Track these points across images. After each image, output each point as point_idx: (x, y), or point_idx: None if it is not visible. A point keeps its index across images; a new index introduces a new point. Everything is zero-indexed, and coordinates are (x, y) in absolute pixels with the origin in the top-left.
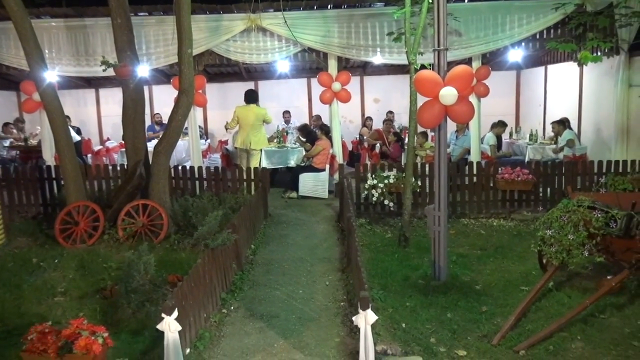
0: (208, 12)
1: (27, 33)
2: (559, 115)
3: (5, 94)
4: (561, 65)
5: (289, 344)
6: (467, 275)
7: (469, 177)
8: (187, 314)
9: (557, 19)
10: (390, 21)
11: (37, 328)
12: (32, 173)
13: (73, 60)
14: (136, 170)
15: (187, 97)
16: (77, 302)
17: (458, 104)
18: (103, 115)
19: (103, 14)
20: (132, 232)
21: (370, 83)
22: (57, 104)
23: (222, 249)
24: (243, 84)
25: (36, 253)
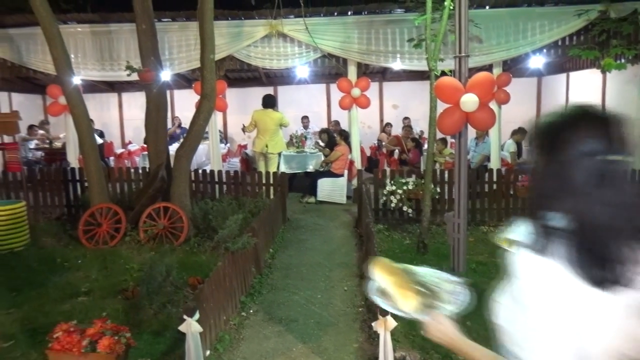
0: (230, 18)
1: (55, 38)
2: None
3: (31, 97)
4: (583, 72)
5: (307, 349)
6: (486, 283)
7: (489, 184)
8: (208, 316)
9: (580, 25)
10: (410, 27)
11: (63, 327)
12: (57, 175)
13: (98, 65)
14: (158, 173)
15: (209, 102)
16: (99, 302)
17: (479, 110)
18: (125, 119)
19: (127, 19)
20: (153, 234)
21: (389, 89)
22: (82, 107)
23: (241, 253)
24: (263, 89)
25: (60, 253)
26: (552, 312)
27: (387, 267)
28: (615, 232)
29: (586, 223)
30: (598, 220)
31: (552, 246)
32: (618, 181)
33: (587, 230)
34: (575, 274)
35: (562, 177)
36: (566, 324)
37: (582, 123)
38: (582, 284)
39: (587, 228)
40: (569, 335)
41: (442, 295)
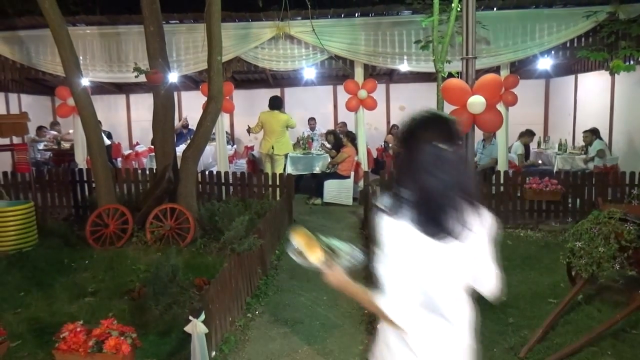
0: (237, 20)
1: (64, 40)
2: (589, 125)
3: (40, 98)
4: (592, 74)
5: (313, 350)
6: None
7: (496, 186)
8: (214, 317)
9: (588, 27)
10: (418, 29)
11: (69, 327)
12: (65, 176)
13: (106, 67)
14: (165, 174)
15: (216, 104)
16: (106, 302)
17: (486, 112)
18: (133, 120)
19: (136, 21)
20: (160, 235)
21: (396, 90)
22: (90, 109)
23: (247, 254)
24: (270, 90)
25: (67, 254)
26: (402, 256)
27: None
28: (446, 200)
29: (426, 193)
30: (434, 191)
31: (403, 210)
32: (449, 164)
33: (426, 198)
34: (419, 229)
35: (412, 162)
36: (412, 264)
37: (427, 124)
38: (423, 236)
39: (426, 197)
40: (414, 272)
41: (340, 254)
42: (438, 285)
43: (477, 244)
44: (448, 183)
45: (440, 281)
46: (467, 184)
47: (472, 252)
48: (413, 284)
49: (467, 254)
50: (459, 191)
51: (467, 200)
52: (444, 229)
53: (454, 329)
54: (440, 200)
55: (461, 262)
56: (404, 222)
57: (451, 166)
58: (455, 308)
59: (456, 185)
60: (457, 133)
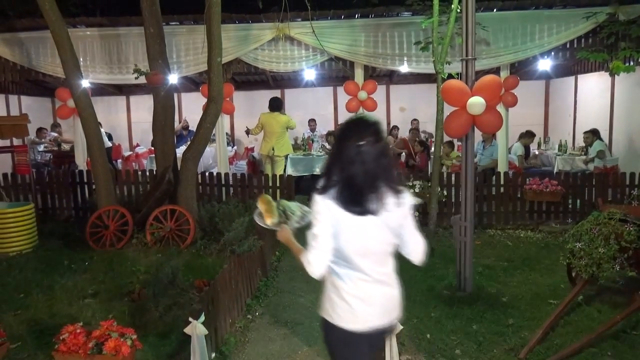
0: (237, 22)
1: (64, 42)
2: (589, 126)
3: (40, 100)
4: (592, 75)
5: (313, 351)
6: (493, 287)
7: (496, 187)
8: (214, 319)
9: (588, 28)
10: (418, 30)
11: (69, 328)
12: (65, 177)
13: (106, 68)
14: (165, 176)
15: (216, 105)
16: (106, 304)
17: (486, 113)
18: (133, 122)
19: (136, 23)
20: (160, 237)
21: (397, 92)
22: (90, 110)
23: (247, 255)
24: (270, 91)
25: (67, 255)
26: (324, 229)
27: (265, 200)
28: (365, 185)
29: (349, 180)
30: (355, 178)
31: (330, 191)
32: (369, 157)
33: (349, 183)
34: (341, 206)
35: (340, 155)
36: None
37: (353, 126)
38: (344, 212)
39: (349, 182)
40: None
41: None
42: (353, 248)
43: (392, 219)
44: (367, 172)
45: (355, 246)
46: (387, 172)
47: (387, 225)
48: (330, 245)
49: (382, 226)
50: (380, 177)
51: (387, 184)
52: (362, 207)
53: (373, 280)
54: (360, 185)
55: (377, 232)
56: (330, 200)
57: (371, 159)
58: (373, 265)
59: (375, 173)
60: (379, 133)
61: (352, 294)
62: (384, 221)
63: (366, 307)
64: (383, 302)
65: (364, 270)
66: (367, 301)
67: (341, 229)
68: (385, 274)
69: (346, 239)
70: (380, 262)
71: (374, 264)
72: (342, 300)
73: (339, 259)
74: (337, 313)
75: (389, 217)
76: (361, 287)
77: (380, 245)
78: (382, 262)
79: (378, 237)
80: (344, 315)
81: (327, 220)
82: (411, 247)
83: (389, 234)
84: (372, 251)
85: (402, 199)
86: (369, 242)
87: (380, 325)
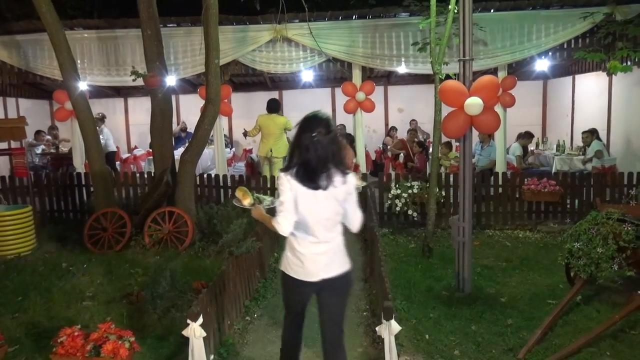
0: (235, 23)
1: (61, 44)
2: (586, 126)
3: (38, 102)
4: (589, 75)
5: (312, 353)
6: (491, 287)
7: (495, 188)
8: (212, 321)
9: (586, 28)
10: (415, 31)
11: (67, 331)
12: (63, 180)
13: (104, 70)
14: (163, 178)
15: (214, 107)
16: (104, 306)
17: (483, 114)
18: (131, 124)
19: (133, 25)
20: (158, 239)
21: (394, 92)
22: (88, 113)
23: (246, 257)
24: (268, 93)
25: (65, 258)
26: (288, 197)
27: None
28: (316, 166)
29: (305, 162)
30: (310, 161)
31: (291, 170)
32: (319, 144)
33: (305, 165)
34: (299, 182)
35: (299, 143)
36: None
37: (308, 120)
38: (301, 186)
39: (305, 164)
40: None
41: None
42: (309, 215)
43: (338, 193)
44: (319, 156)
45: (310, 213)
46: (335, 156)
47: (334, 197)
48: (292, 212)
49: (330, 198)
50: (329, 161)
51: (335, 166)
52: (315, 183)
53: (321, 242)
54: (314, 167)
55: (325, 203)
56: (291, 177)
57: (322, 146)
58: (322, 230)
59: (326, 157)
60: (329, 126)
61: (303, 251)
62: (332, 194)
63: (312, 263)
64: (327, 260)
65: (315, 234)
66: (313, 259)
67: (299, 199)
68: (332, 237)
69: (303, 208)
70: (329, 228)
71: (323, 229)
72: (294, 257)
73: (298, 225)
74: (292, 268)
75: (336, 191)
76: (311, 249)
77: (329, 213)
78: (330, 228)
79: (327, 207)
80: (297, 269)
81: (289, 191)
82: (350, 219)
83: (335, 205)
84: (322, 217)
85: (347, 179)
86: (319, 210)
87: (328, 276)
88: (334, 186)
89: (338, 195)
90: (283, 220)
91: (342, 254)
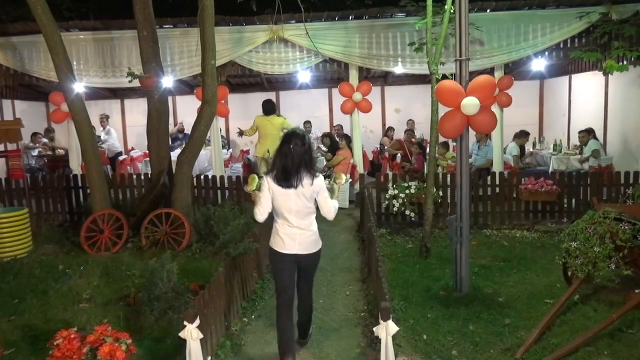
0: (231, 24)
1: (56, 46)
2: (583, 125)
3: (34, 104)
4: (586, 74)
5: (309, 354)
6: (489, 287)
7: (492, 188)
8: (209, 322)
9: (582, 27)
10: (412, 31)
11: (63, 333)
12: (59, 182)
13: (100, 72)
14: (160, 179)
15: (210, 108)
16: (101, 308)
17: (480, 114)
18: (127, 125)
19: (129, 26)
20: (155, 240)
21: (391, 93)
22: (84, 114)
23: (243, 258)
24: (265, 94)
25: (62, 260)
26: (266, 195)
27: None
28: (291, 170)
29: (283, 167)
30: (287, 166)
31: (271, 173)
32: (295, 154)
33: (283, 169)
34: (275, 183)
35: (281, 152)
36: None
37: (289, 135)
38: (277, 186)
39: (283, 168)
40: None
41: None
42: (282, 207)
43: (306, 191)
44: (294, 163)
45: (283, 206)
46: (307, 163)
47: (303, 194)
48: (266, 206)
49: (299, 194)
50: (301, 166)
51: (307, 170)
52: (288, 183)
53: (294, 227)
54: (289, 171)
55: (295, 198)
56: (270, 179)
57: (298, 155)
58: (295, 218)
59: (299, 164)
60: (304, 140)
61: (283, 232)
62: (301, 192)
63: (289, 241)
64: (300, 240)
65: (289, 220)
66: (290, 238)
67: (275, 195)
68: (305, 224)
69: (278, 202)
70: (301, 217)
71: (295, 217)
72: (277, 236)
73: (276, 213)
74: (276, 243)
75: (304, 190)
76: (288, 231)
77: (298, 207)
78: (302, 217)
79: (296, 202)
80: (278, 243)
81: (267, 190)
82: (324, 210)
83: (304, 200)
84: (293, 209)
85: (314, 181)
86: (291, 204)
87: (301, 252)
88: (302, 186)
89: (306, 193)
90: (257, 211)
91: (315, 238)
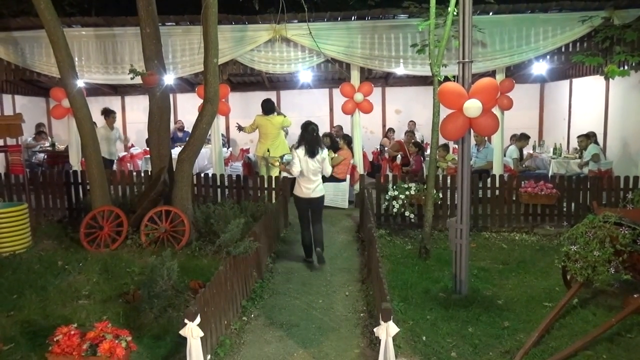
0: (233, 23)
1: (59, 42)
2: (583, 130)
3: (35, 100)
4: (587, 78)
5: (308, 354)
6: (488, 290)
7: (492, 190)
8: (209, 321)
9: (584, 32)
10: (414, 32)
11: (63, 330)
12: (59, 177)
13: (101, 68)
14: (160, 177)
15: (212, 106)
16: (100, 305)
17: (482, 116)
18: (128, 122)
19: (132, 23)
20: (155, 238)
21: (392, 94)
22: (85, 110)
23: (243, 257)
24: (266, 93)
25: (61, 256)
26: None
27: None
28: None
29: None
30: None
31: (299, 147)
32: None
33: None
34: (302, 152)
35: (304, 133)
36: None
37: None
38: (304, 154)
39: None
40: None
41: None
42: (305, 168)
43: (318, 158)
44: (312, 140)
45: (305, 167)
46: (319, 142)
47: (316, 160)
48: (299, 166)
49: (315, 160)
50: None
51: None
52: (310, 153)
53: (312, 180)
54: (312, 144)
55: (312, 162)
56: (300, 150)
57: (315, 135)
58: (312, 175)
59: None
60: (316, 128)
61: (304, 185)
62: (315, 159)
63: (307, 190)
64: (313, 187)
65: (308, 176)
66: (307, 187)
67: (301, 160)
68: (317, 179)
69: (303, 165)
70: (315, 174)
71: (312, 174)
72: (299, 185)
73: (300, 172)
74: (297, 190)
75: (317, 157)
76: (306, 184)
77: (314, 168)
78: (316, 174)
79: (313, 164)
80: (299, 190)
81: (297, 157)
82: (326, 170)
83: (317, 164)
84: (311, 169)
85: (323, 152)
86: (309, 166)
87: (314, 196)
88: (315, 155)
89: (318, 159)
90: (295, 168)
91: (321, 187)
